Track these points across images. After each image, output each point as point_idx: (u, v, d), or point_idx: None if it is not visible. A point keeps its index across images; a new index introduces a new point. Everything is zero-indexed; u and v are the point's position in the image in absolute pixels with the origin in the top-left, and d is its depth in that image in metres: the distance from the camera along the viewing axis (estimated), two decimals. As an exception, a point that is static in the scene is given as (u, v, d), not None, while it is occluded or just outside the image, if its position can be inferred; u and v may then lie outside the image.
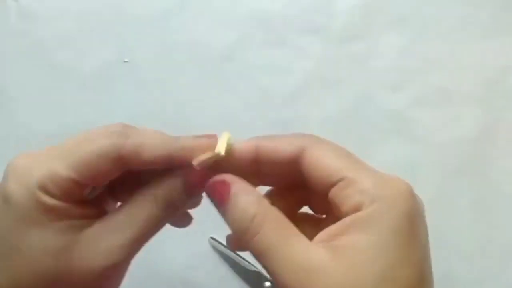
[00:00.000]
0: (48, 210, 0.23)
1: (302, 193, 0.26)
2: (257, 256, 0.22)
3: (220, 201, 0.23)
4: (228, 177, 0.23)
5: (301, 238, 0.22)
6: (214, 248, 0.40)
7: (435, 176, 0.41)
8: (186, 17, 0.45)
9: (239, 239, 0.22)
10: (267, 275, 0.39)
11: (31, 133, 0.43)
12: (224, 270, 0.40)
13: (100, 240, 0.23)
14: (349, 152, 0.24)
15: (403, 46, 0.43)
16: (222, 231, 0.26)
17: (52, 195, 0.23)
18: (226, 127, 0.30)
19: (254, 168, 0.25)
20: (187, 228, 0.33)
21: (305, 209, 0.27)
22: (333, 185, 0.22)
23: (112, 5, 0.45)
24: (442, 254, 0.40)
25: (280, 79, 0.43)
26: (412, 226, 0.21)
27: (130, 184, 0.26)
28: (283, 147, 0.24)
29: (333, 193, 0.22)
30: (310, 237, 0.22)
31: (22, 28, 0.45)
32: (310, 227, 0.24)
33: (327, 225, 0.22)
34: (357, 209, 0.21)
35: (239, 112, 0.43)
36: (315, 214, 0.27)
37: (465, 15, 0.43)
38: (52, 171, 0.23)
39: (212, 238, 0.40)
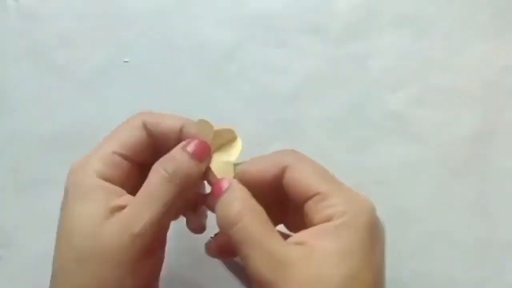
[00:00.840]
0: (95, 188, 0.26)
1: (278, 212, 0.29)
2: (237, 245, 0.25)
3: (217, 196, 0.26)
4: (228, 179, 0.27)
5: (279, 237, 0.25)
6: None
7: (435, 176, 0.41)
8: (186, 17, 0.45)
9: (223, 230, 0.26)
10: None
11: (31, 133, 0.43)
12: (224, 270, 0.40)
13: (123, 214, 0.26)
14: (326, 170, 0.27)
15: (403, 46, 0.43)
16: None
17: (106, 177, 0.27)
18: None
19: None
20: (187, 228, 0.33)
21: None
22: (309, 198, 0.26)
23: (112, 5, 0.45)
24: (442, 254, 0.40)
25: (280, 79, 0.43)
26: (373, 237, 0.25)
27: None
28: (267, 169, 0.27)
29: (308, 205, 0.26)
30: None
31: (22, 28, 0.45)
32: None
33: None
34: (328, 220, 0.25)
35: (239, 112, 0.43)
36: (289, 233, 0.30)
37: (465, 15, 0.44)
38: (101, 153, 0.27)
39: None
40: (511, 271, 0.39)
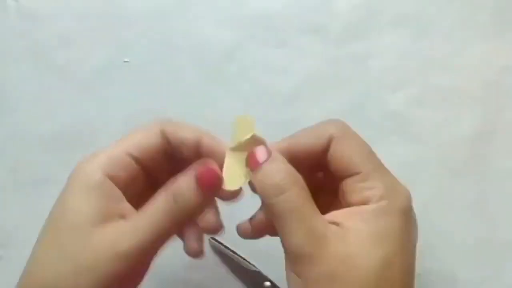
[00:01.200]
0: (96, 187, 0.25)
1: (317, 182, 0.29)
2: (278, 215, 0.25)
3: (255, 165, 0.26)
4: (267, 148, 0.27)
5: (317, 210, 0.25)
6: (214, 248, 0.40)
7: (435, 176, 0.41)
8: (187, 17, 0.45)
9: (265, 199, 0.25)
10: (267, 275, 0.39)
11: (31, 133, 0.43)
12: (224, 270, 0.40)
13: (117, 229, 0.25)
14: (370, 148, 0.27)
15: (403, 46, 0.43)
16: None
17: (111, 176, 0.26)
18: (226, 126, 0.30)
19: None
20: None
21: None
22: (349, 176, 0.26)
23: (112, 5, 0.45)
24: (442, 254, 0.40)
25: (280, 79, 0.43)
26: (408, 224, 0.25)
27: None
28: (313, 142, 0.27)
29: (347, 183, 0.26)
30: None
31: (22, 28, 0.45)
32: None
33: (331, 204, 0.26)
34: (364, 202, 0.25)
35: (239, 112, 0.43)
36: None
37: (465, 15, 0.44)
38: (110, 152, 0.27)
39: (211, 238, 0.40)
40: (511, 271, 0.39)
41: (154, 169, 0.28)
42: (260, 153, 0.26)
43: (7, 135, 0.43)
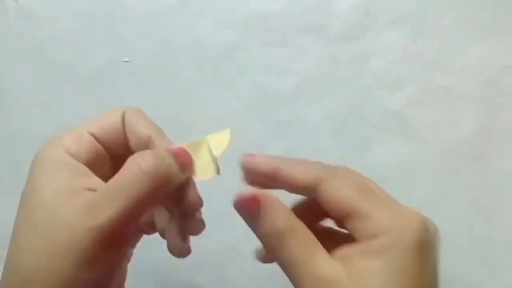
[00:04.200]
0: (62, 165, 0.25)
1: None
2: (284, 268, 0.24)
3: (251, 218, 0.25)
4: (258, 193, 0.25)
5: (323, 253, 0.24)
6: None
7: (435, 176, 0.41)
8: (186, 17, 0.45)
9: (269, 252, 0.24)
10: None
11: (31, 133, 0.43)
12: (224, 270, 0.40)
13: (87, 203, 0.24)
14: (366, 184, 0.25)
15: (403, 46, 0.43)
16: (222, 231, 0.27)
17: (75, 155, 0.26)
18: (226, 126, 0.30)
19: (271, 181, 0.26)
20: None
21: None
22: (347, 217, 0.24)
23: (112, 5, 0.45)
24: (442, 254, 0.40)
25: (280, 79, 0.43)
26: (422, 256, 0.23)
27: None
28: (300, 177, 0.25)
29: (348, 223, 0.24)
30: (327, 249, 0.24)
31: (22, 28, 0.45)
32: (328, 239, 0.25)
33: (344, 240, 0.24)
34: (373, 236, 0.23)
35: (239, 112, 0.43)
36: (333, 228, 0.28)
37: (465, 15, 0.43)
38: (74, 133, 0.27)
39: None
40: (511, 271, 0.39)
41: (118, 151, 0.28)
42: (255, 199, 0.25)
43: (7, 135, 0.43)
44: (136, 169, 0.24)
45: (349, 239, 0.24)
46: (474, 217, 0.40)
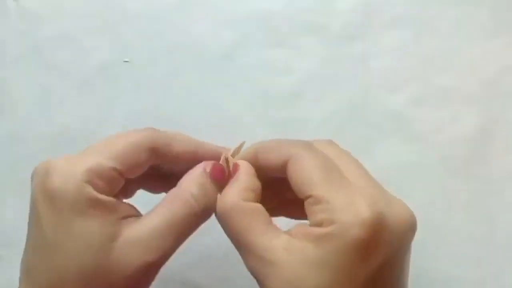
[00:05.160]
0: (95, 204, 0.23)
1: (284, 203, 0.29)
2: (230, 239, 0.25)
3: (217, 178, 0.26)
4: (241, 163, 0.27)
5: (271, 232, 0.24)
6: None
7: (435, 176, 0.41)
8: (186, 17, 0.45)
9: (219, 220, 0.26)
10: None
11: (31, 133, 0.43)
12: (224, 270, 0.40)
13: (140, 239, 0.24)
14: (332, 167, 0.25)
15: (403, 46, 0.43)
16: (222, 231, 0.27)
17: (98, 189, 0.24)
18: (226, 126, 0.30)
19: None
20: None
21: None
22: (305, 199, 0.24)
23: (112, 5, 0.45)
24: (441, 254, 0.40)
25: (280, 79, 0.43)
26: (361, 254, 0.22)
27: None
28: (275, 157, 0.26)
29: (305, 204, 0.24)
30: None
31: (22, 28, 0.45)
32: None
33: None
34: (318, 224, 0.23)
35: (239, 112, 0.43)
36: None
37: (465, 15, 0.43)
38: (96, 163, 0.24)
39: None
40: (511, 271, 0.39)
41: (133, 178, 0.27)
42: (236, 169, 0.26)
43: (7, 135, 0.43)
44: (188, 207, 0.25)
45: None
46: (474, 217, 0.40)
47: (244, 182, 0.26)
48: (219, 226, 0.27)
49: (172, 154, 0.26)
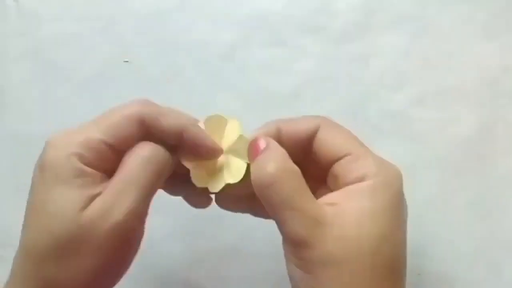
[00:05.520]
0: (78, 174, 0.25)
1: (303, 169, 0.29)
2: (271, 206, 0.25)
3: (253, 157, 0.27)
4: (265, 138, 0.27)
5: (313, 196, 0.25)
6: None
7: (435, 176, 0.41)
8: (186, 16, 0.45)
9: (257, 192, 0.25)
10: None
11: (31, 133, 0.43)
12: (224, 270, 0.40)
13: (104, 202, 0.25)
14: (356, 136, 0.28)
15: (403, 46, 0.43)
16: (222, 231, 0.27)
17: (85, 161, 0.25)
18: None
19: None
20: (187, 228, 0.33)
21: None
22: (340, 158, 0.26)
23: (112, 5, 0.45)
24: (441, 254, 0.40)
25: (280, 79, 0.43)
26: (402, 201, 0.26)
27: None
28: (303, 126, 0.28)
29: (340, 165, 0.26)
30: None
31: (22, 28, 0.45)
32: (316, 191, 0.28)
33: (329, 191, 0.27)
34: (360, 180, 0.25)
35: (239, 112, 0.43)
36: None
37: (465, 15, 0.44)
38: (86, 136, 0.26)
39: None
40: (511, 271, 0.39)
41: (124, 150, 0.28)
42: (260, 143, 0.27)
43: (7, 135, 0.43)
44: (138, 162, 0.26)
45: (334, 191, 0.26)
46: (474, 217, 0.40)
47: (281, 149, 0.27)
48: (219, 226, 0.27)
49: (159, 129, 0.27)
